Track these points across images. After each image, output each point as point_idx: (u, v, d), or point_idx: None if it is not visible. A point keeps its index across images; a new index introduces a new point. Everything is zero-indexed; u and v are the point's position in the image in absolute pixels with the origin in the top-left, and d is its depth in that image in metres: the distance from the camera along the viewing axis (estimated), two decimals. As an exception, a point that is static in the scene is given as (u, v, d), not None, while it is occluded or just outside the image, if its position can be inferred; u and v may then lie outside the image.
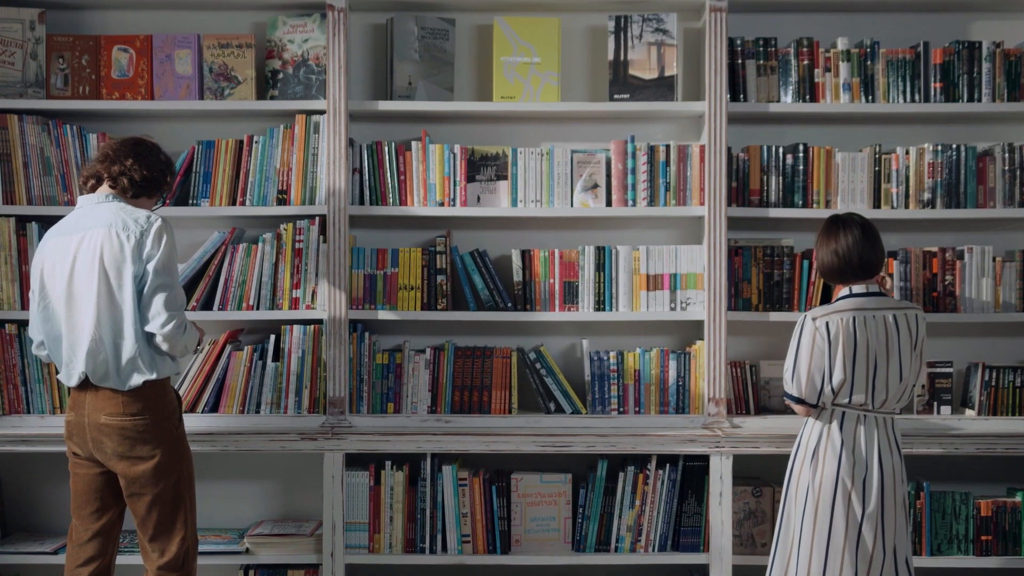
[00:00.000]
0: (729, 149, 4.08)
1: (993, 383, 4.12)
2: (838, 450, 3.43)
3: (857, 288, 3.50)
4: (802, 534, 3.47)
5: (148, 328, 3.31)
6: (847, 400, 3.43)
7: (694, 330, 4.22)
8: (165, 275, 3.32)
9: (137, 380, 3.33)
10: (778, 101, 4.12)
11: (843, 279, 3.52)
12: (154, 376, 3.35)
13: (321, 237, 4.06)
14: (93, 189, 3.45)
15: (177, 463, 3.41)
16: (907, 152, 4.11)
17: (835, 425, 3.45)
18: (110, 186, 3.42)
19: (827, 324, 3.42)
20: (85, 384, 3.36)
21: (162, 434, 3.37)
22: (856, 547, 3.41)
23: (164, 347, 3.34)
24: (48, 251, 3.40)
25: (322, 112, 4.07)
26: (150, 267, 3.30)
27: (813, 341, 3.43)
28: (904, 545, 3.47)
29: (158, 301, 3.30)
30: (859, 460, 3.42)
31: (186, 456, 3.47)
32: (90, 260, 3.31)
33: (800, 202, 4.11)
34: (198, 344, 3.65)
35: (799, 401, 3.47)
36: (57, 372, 3.48)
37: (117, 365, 3.33)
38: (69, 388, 3.42)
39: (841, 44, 4.11)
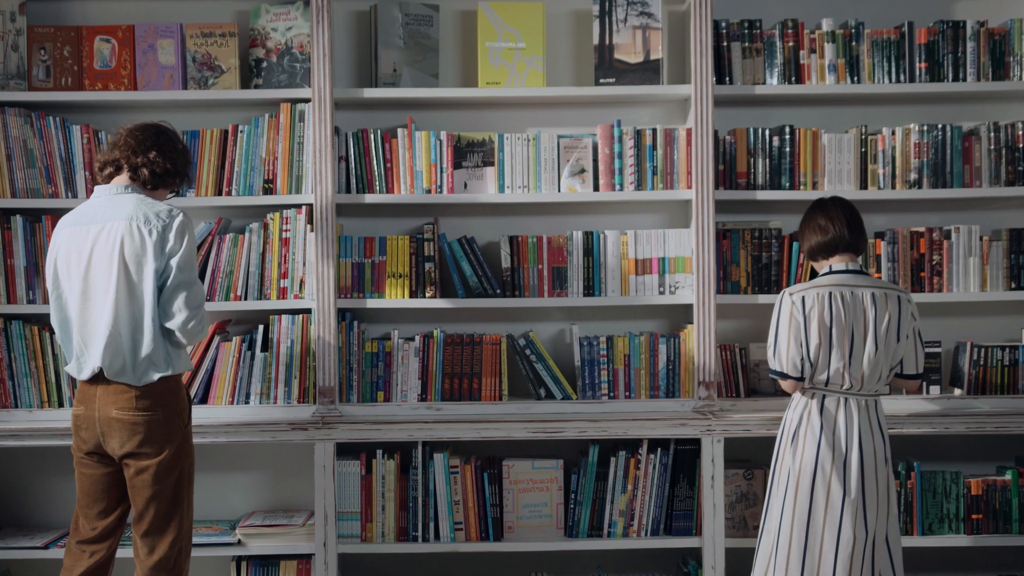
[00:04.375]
0: (716, 132, 4.07)
1: (982, 362, 4.13)
2: (817, 434, 3.46)
3: (838, 265, 3.54)
4: (782, 517, 3.50)
5: (168, 324, 3.28)
6: (825, 376, 3.45)
7: (683, 314, 4.22)
8: (188, 271, 3.29)
9: (153, 376, 3.29)
10: (764, 83, 4.12)
11: (830, 252, 3.56)
12: (170, 372, 3.32)
13: (308, 226, 4.04)
14: (110, 178, 3.39)
15: (180, 462, 3.37)
16: (893, 132, 4.12)
17: (815, 408, 3.49)
18: (130, 177, 3.37)
19: (803, 298, 3.48)
20: (97, 378, 3.30)
21: (171, 432, 3.33)
22: (837, 531, 3.43)
23: (183, 341, 3.31)
24: (63, 241, 3.34)
25: (307, 100, 4.05)
26: (173, 262, 3.26)
27: (791, 315, 3.48)
28: (884, 526, 3.48)
29: (180, 298, 3.27)
30: (838, 444, 3.45)
31: (190, 456, 3.43)
32: (109, 253, 3.26)
33: (787, 184, 4.11)
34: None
35: (783, 376, 3.51)
36: (65, 364, 3.43)
37: (134, 360, 3.28)
38: (77, 381, 3.37)
39: (826, 25, 4.11)
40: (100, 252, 3.27)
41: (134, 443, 3.28)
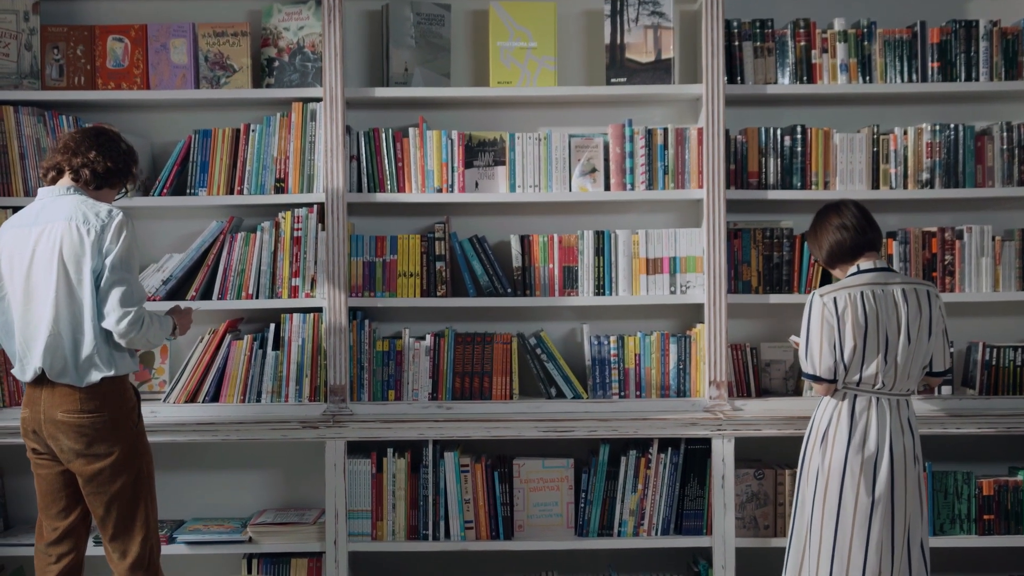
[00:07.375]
0: (727, 131, 4.07)
1: (993, 362, 4.12)
2: (846, 435, 3.42)
3: (865, 264, 3.50)
4: (812, 517, 3.47)
5: (104, 324, 3.26)
6: (858, 376, 3.43)
7: (694, 313, 4.22)
8: (122, 270, 3.26)
9: (95, 377, 3.28)
10: (775, 83, 4.11)
11: (853, 254, 3.52)
12: (112, 373, 3.30)
13: (319, 225, 4.05)
14: (53, 181, 3.39)
15: (135, 461, 3.36)
16: (905, 132, 4.11)
17: (846, 408, 3.45)
18: (72, 178, 3.36)
19: (835, 300, 3.43)
20: (40, 379, 3.31)
21: (120, 431, 3.33)
22: (867, 532, 3.40)
23: (122, 343, 3.29)
24: (7, 243, 3.35)
25: (318, 100, 4.06)
26: (107, 262, 3.25)
27: (822, 317, 3.43)
28: (918, 527, 3.46)
29: (114, 297, 3.24)
30: (868, 445, 3.41)
31: (145, 454, 3.41)
32: (49, 254, 3.26)
33: (799, 184, 4.11)
34: (174, 332, 3.55)
35: (816, 379, 3.47)
36: (11, 367, 3.44)
37: (76, 361, 3.27)
38: (24, 383, 3.38)
39: (838, 25, 4.10)
40: (41, 253, 3.28)
41: (82, 444, 3.28)
